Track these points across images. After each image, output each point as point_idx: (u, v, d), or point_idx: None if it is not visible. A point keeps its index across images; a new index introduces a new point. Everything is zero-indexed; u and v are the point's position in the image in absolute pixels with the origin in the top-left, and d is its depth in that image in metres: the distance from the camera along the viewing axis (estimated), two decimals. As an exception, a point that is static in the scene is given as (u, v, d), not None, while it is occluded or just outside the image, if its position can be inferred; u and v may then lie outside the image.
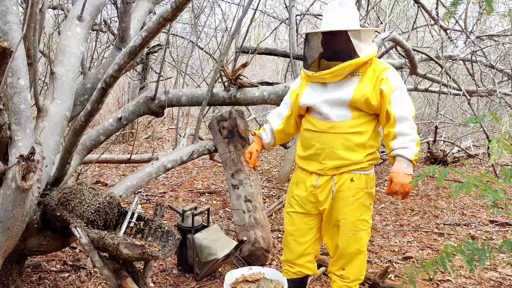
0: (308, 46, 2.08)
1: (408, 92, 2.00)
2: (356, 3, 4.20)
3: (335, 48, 1.95)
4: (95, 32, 4.32)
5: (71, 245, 2.70)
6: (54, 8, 3.93)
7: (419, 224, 3.89)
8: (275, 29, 6.40)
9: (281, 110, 2.22)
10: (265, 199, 4.44)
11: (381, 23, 5.40)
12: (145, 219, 2.09)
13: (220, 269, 2.76)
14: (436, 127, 5.77)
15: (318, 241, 2.16)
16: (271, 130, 2.24)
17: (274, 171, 5.87)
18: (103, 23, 4.05)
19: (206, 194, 4.60)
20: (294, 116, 2.17)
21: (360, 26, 2.20)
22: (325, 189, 1.98)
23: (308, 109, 2.06)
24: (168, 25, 1.62)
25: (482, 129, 4.93)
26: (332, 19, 1.93)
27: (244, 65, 3.18)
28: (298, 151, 2.12)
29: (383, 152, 5.82)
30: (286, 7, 5.14)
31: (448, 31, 5.31)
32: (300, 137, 2.12)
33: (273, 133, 2.24)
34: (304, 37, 2.10)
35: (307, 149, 2.03)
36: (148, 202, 4.15)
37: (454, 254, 2.92)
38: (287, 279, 2.13)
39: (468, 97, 4.96)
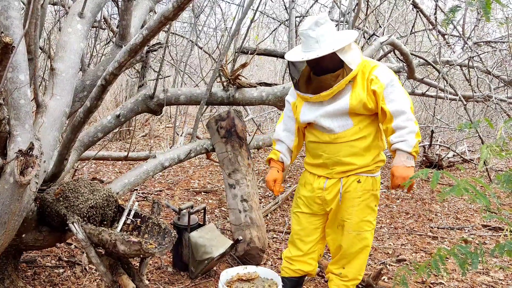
0: (293, 67, 2.06)
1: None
2: (355, 7, 4.23)
3: (323, 66, 1.94)
4: (94, 29, 4.33)
5: (67, 241, 2.71)
6: (54, 4, 3.93)
7: (413, 227, 3.91)
8: (274, 30, 6.41)
9: (289, 125, 2.19)
10: (261, 199, 4.45)
11: (380, 26, 5.43)
12: (142, 216, 2.10)
13: (215, 268, 2.77)
14: (432, 131, 5.80)
15: (323, 240, 2.19)
16: (287, 149, 2.21)
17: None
18: (103, 20, 4.05)
19: (202, 193, 4.61)
20: (300, 128, 2.18)
21: (339, 24, 2.19)
22: (333, 191, 2.02)
23: (310, 123, 2.07)
24: (168, 24, 1.63)
25: (477, 135, 4.97)
26: (314, 42, 1.89)
27: (244, 66, 3.19)
28: (307, 159, 2.15)
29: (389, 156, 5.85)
30: (286, 8, 5.16)
31: (446, 36, 5.36)
32: (307, 147, 2.15)
33: (290, 152, 2.22)
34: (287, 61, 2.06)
35: (316, 158, 2.07)
36: (145, 199, 4.16)
37: (447, 258, 2.95)
38: (284, 277, 2.15)
39: (465, 102, 5.01)
